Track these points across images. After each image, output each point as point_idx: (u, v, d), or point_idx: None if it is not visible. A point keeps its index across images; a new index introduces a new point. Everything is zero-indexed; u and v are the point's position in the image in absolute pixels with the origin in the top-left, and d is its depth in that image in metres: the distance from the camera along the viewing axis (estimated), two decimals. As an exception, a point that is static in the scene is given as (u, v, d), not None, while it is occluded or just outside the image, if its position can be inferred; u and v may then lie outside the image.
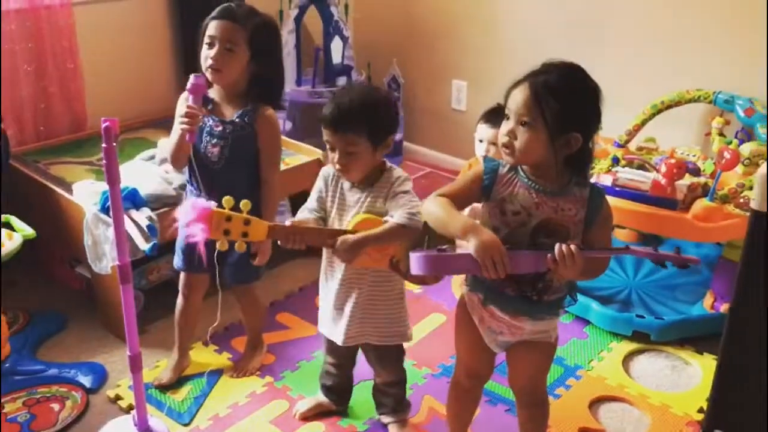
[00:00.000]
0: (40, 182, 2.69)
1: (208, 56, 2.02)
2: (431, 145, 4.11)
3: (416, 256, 1.55)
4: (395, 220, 1.79)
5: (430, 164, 4.07)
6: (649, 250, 1.56)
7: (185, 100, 2.02)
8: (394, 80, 3.97)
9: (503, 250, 1.49)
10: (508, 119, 1.58)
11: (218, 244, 1.67)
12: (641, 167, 2.73)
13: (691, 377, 2.44)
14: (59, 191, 2.59)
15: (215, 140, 2.09)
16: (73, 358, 2.48)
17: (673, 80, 3.01)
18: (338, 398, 2.23)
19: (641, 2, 3.14)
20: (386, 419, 2.18)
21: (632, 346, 2.56)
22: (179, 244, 2.25)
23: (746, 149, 2.60)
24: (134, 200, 2.41)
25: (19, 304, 2.71)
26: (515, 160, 1.59)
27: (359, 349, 2.10)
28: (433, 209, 1.60)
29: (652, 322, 2.55)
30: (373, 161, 1.85)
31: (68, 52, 3.00)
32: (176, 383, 2.36)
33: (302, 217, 1.93)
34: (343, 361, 2.15)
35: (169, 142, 2.12)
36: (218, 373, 2.42)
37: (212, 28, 2.02)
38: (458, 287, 1.92)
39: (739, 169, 2.57)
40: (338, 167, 1.85)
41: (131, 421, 2.09)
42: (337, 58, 3.73)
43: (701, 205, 2.44)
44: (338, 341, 2.00)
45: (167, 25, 3.38)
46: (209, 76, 2.04)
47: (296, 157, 3.01)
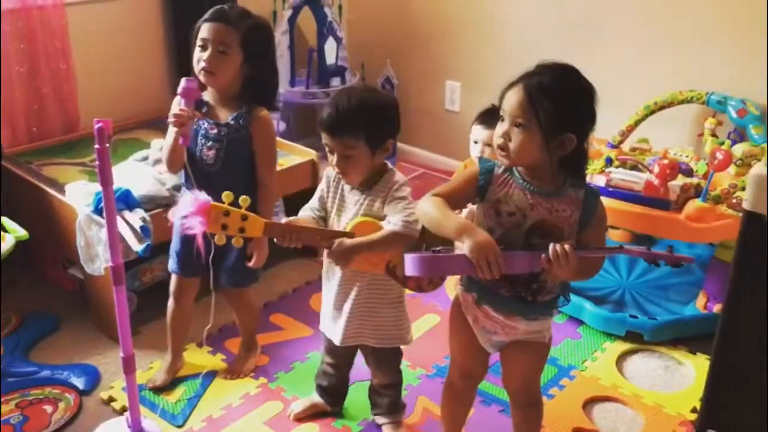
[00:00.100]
0: (32, 183, 2.68)
1: (200, 59, 2.02)
2: (425, 145, 4.11)
3: (410, 257, 1.55)
4: (390, 227, 1.79)
5: (423, 165, 4.07)
6: (642, 249, 1.57)
7: (178, 103, 2.02)
8: (387, 81, 3.97)
9: (498, 250, 1.49)
10: (503, 121, 1.58)
11: (216, 238, 1.68)
12: (634, 168, 2.74)
13: (684, 377, 2.45)
14: (52, 192, 2.59)
15: (210, 143, 2.08)
16: (66, 359, 2.48)
17: (666, 81, 3.02)
18: (333, 399, 2.23)
19: (635, 4, 3.15)
20: (381, 420, 2.18)
21: (626, 346, 2.57)
22: (174, 247, 2.24)
23: (738, 150, 2.62)
24: (127, 201, 2.41)
25: (11, 305, 2.70)
26: (510, 162, 1.60)
27: (357, 350, 2.10)
28: (427, 209, 1.60)
29: (645, 322, 2.56)
30: (371, 164, 1.84)
31: (61, 52, 2.99)
32: (170, 385, 2.36)
33: (302, 215, 1.94)
34: (340, 361, 2.15)
35: (164, 145, 2.12)
36: (212, 374, 2.42)
37: (205, 30, 2.02)
38: (452, 288, 1.92)
39: (731, 169, 2.59)
40: (337, 170, 1.85)
41: (125, 422, 2.08)
42: (330, 58, 3.73)
43: (694, 205, 2.45)
44: (336, 341, 2.00)
45: (160, 25, 3.37)
46: (202, 78, 2.04)
47: (290, 158, 3.01)
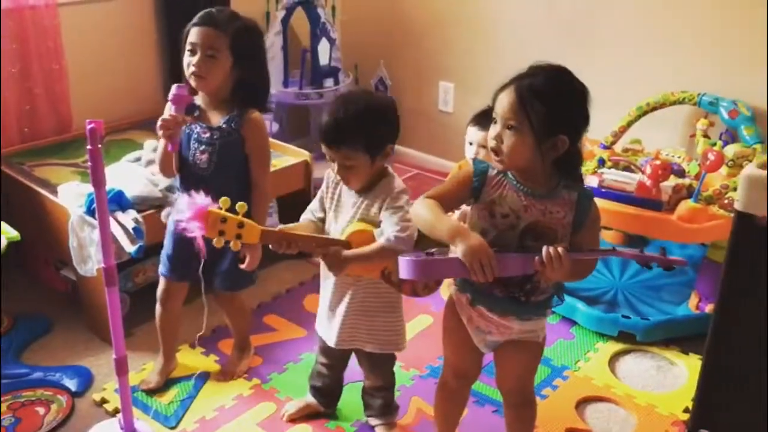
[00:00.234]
0: (24, 184, 2.67)
1: (190, 63, 2.01)
2: (418, 146, 4.11)
3: (404, 260, 1.55)
4: (383, 241, 1.79)
5: (417, 166, 4.08)
6: (635, 252, 1.58)
7: (168, 109, 2.01)
8: (381, 82, 3.97)
9: (491, 253, 1.49)
10: (495, 123, 1.59)
11: (214, 241, 1.69)
12: (627, 168, 2.74)
13: (676, 377, 2.45)
14: (44, 193, 2.58)
15: (203, 147, 2.08)
16: (58, 361, 2.47)
17: (658, 82, 3.03)
18: (327, 400, 2.23)
19: (628, 5, 3.15)
20: (374, 422, 2.18)
21: (618, 346, 2.57)
22: (165, 250, 2.24)
23: (730, 151, 2.63)
24: (120, 202, 2.40)
25: (3, 306, 2.68)
26: (505, 166, 1.60)
27: (352, 352, 2.10)
28: (421, 212, 1.60)
29: (637, 322, 2.57)
30: (372, 170, 1.84)
31: (53, 52, 2.97)
32: (162, 386, 2.35)
33: (303, 218, 1.95)
34: (334, 362, 2.14)
35: (157, 151, 2.12)
36: (205, 375, 2.41)
37: (193, 34, 2.01)
38: (446, 288, 1.91)
39: (723, 170, 2.60)
40: (338, 178, 1.86)
41: (117, 424, 2.08)
42: (324, 59, 3.73)
43: (686, 206, 2.46)
44: (331, 342, 2.00)
45: (153, 25, 3.36)
46: (192, 83, 2.03)
47: (283, 158, 3.01)
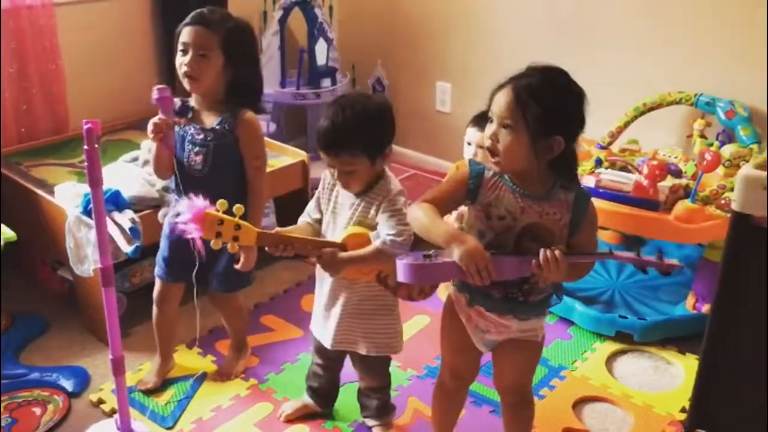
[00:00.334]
0: (21, 184, 2.66)
1: (182, 63, 2.01)
2: (416, 147, 4.11)
3: (401, 263, 1.56)
4: (378, 244, 1.79)
5: (414, 166, 4.08)
6: (632, 255, 1.57)
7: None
8: (378, 82, 3.97)
9: (487, 257, 1.49)
10: (491, 122, 1.59)
11: (212, 243, 1.70)
12: (624, 169, 2.75)
13: (673, 377, 2.46)
14: (41, 193, 2.57)
15: (197, 148, 2.07)
16: (55, 361, 2.46)
17: (655, 82, 3.03)
18: (324, 400, 2.23)
19: (625, 6, 3.16)
20: (371, 423, 2.18)
21: (615, 346, 2.58)
22: (161, 252, 2.24)
23: (727, 151, 2.63)
24: (117, 202, 2.40)
25: (0, 306, 2.68)
26: (501, 168, 1.59)
27: (347, 353, 2.10)
28: (417, 215, 1.60)
29: (635, 322, 2.57)
30: (372, 173, 1.84)
31: (50, 52, 2.97)
32: (160, 386, 2.35)
33: (300, 221, 1.95)
34: (330, 363, 2.14)
35: (150, 155, 2.12)
36: (202, 376, 2.41)
37: (185, 34, 2.01)
38: (444, 288, 1.92)
39: (720, 170, 2.60)
40: (339, 184, 1.85)
41: (114, 424, 2.08)
42: (321, 59, 3.73)
43: (683, 206, 2.46)
44: (326, 344, 2.00)
45: (150, 25, 3.36)
46: (185, 83, 2.02)
47: (281, 159, 3.01)
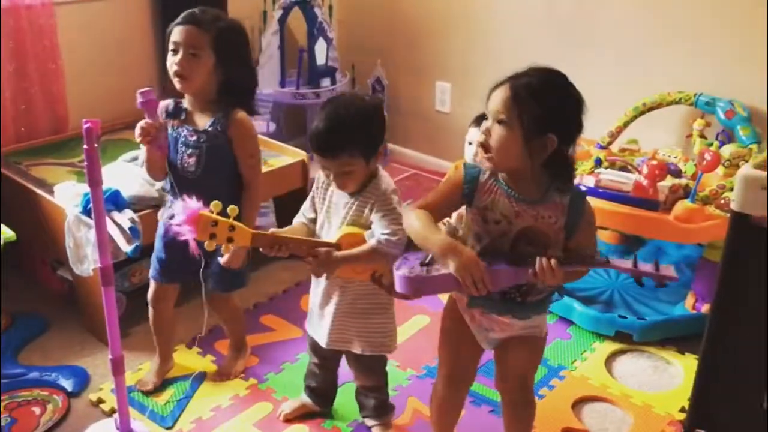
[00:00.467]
0: (21, 184, 2.66)
1: (173, 63, 2.00)
2: (415, 146, 4.12)
3: (398, 275, 1.58)
4: (373, 243, 1.80)
5: (414, 166, 4.08)
6: (628, 266, 1.56)
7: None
8: (378, 82, 3.97)
9: (483, 269, 1.50)
10: (487, 119, 1.58)
11: (206, 245, 1.69)
12: (623, 168, 2.75)
13: (672, 377, 2.46)
14: (40, 193, 2.57)
15: (190, 150, 2.06)
16: (54, 361, 2.46)
17: (654, 82, 3.04)
18: (322, 400, 2.23)
19: (625, 5, 3.16)
20: (370, 422, 2.18)
21: (615, 346, 2.58)
22: (155, 253, 2.24)
23: (727, 151, 2.63)
24: (116, 202, 2.40)
25: (0, 306, 2.68)
26: (493, 164, 1.58)
27: (342, 352, 2.10)
28: (413, 224, 1.61)
29: (634, 322, 2.57)
30: (368, 171, 1.85)
31: (50, 52, 2.97)
32: (159, 386, 2.35)
33: (295, 221, 1.95)
34: (326, 362, 2.14)
35: (141, 158, 2.12)
36: (202, 375, 2.41)
37: (176, 34, 2.00)
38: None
39: (719, 170, 2.60)
40: (335, 184, 1.85)
41: (113, 424, 2.08)
42: (321, 59, 3.73)
43: (682, 206, 2.46)
44: (322, 343, 2.00)
45: (149, 25, 3.36)
46: (175, 83, 2.02)
47: (280, 158, 3.00)
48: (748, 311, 1.53)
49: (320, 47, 3.70)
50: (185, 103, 2.10)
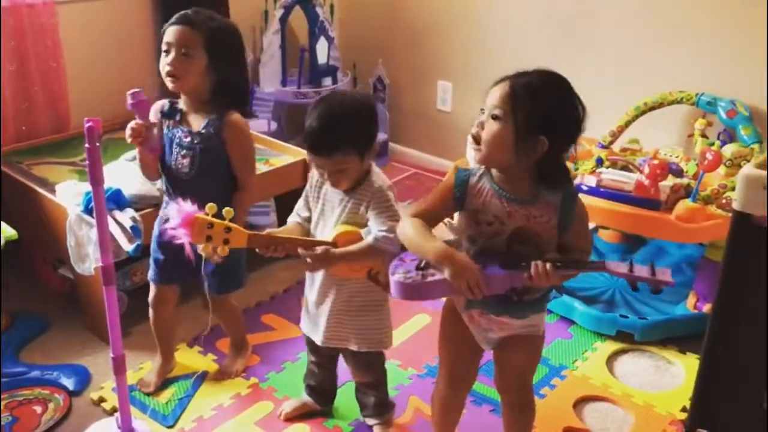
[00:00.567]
0: (22, 183, 2.66)
1: (165, 63, 2.00)
2: (417, 145, 4.11)
3: (394, 281, 1.59)
4: (370, 240, 1.80)
5: (415, 165, 4.08)
6: (624, 270, 1.55)
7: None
8: (379, 81, 3.97)
9: (478, 274, 1.51)
10: (482, 113, 1.57)
11: (200, 248, 1.70)
12: (625, 168, 2.75)
13: (674, 377, 2.46)
14: (42, 192, 2.57)
15: (184, 151, 2.06)
16: (56, 360, 2.46)
17: (656, 82, 3.03)
18: (322, 398, 2.23)
19: (626, 5, 3.15)
20: (370, 421, 2.18)
21: (616, 345, 2.58)
22: (152, 254, 2.24)
23: (728, 150, 2.63)
24: (118, 201, 2.40)
25: (2, 305, 2.68)
26: (482, 155, 1.58)
27: (339, 349, 2.10)
28: (407, 232, 1.61)
29: (635, 322, 2.57)
30: (362, 168, 1.85)
31: (51, 51, 2.97)
32: (160, 386, 2.35)
33: (289, 221, 1.96)
34: (324, 360, 2.14)
35: (136, 158, 2.12)
36: (203, 374, 2.41)
37: (168, 34, 2.00)
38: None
39: (721, 170, 2.60)
40: (329, 182, 1.85)
41: (114, 423, 2.08)
42: (322, 58, 3.73)
43: (684, 205, 2.46)
44: (317, 341, 2.01)
45: (151, 24, 3.35)
46: (168, 83, 2.02)
47: (282, 157, 3.00)
48: (749, 311, 1.53)
49: (321, 46, 3.70)
50: (181, 103, 2.10)
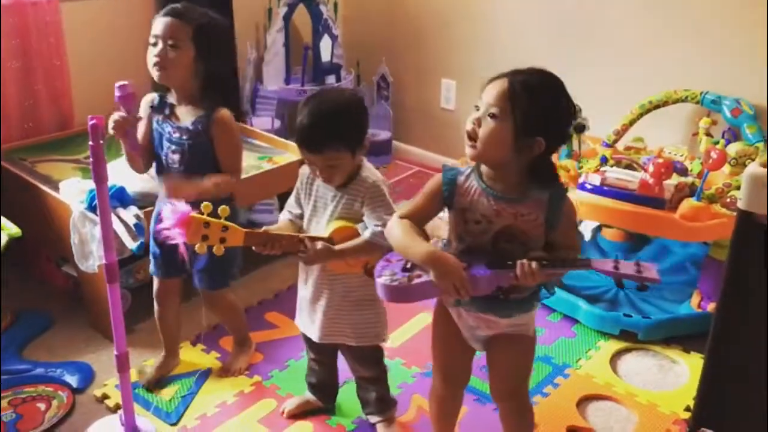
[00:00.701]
0: (26, 180, 2.66)
1: (152, 54, 2.00)
2: (420, 144, 4.11)
3: (380, 283, 1.59)
4: (367, 236, 1.81)
5: (418, 163, 4.08)
6: (609, 267, 1.54)
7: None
8: (383, 79, 3.97)
9: (464, 276, 1.52)
10: (477, 110, 1.56)
11: (196, 247, 1.68)
12: (629, 167, 2.74)
13: (678, 376, 2.45)
14: (46, 189, 2.57)
15: (174, 147, 2.06)
16: (59, 357, 2.47)
17: (660, 80, 3.02)
18: (324, 395, 2.23)
19: (630, 3, 3.15)
20: (373, 419, 2.18)
21: (620, 344, 2.57)
22: (151, 249, 2.24)
23: (733, 149, 2.62)
24: (121, 198, 2.40)
25: (5, 302, 2.68)
26: (476, 152, 1.56)
27: (337, 345, 2.10)
28: (395, 234, 1.62)
29: (639, 321, 2.57)
30: (353, 164, 1.85)
31: (55, 48, 2.98)
32: (164, 382, 2.35)
33: (281, 218, 1.96)
34: (323, 357, 2.15)
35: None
36: (206, 372, 2.41)
37: (156, 26, 2.00)
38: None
39: (725, 169, 2.59)
40: (321, 178, 1.85)
41: (118, 420, 2.08)
42: (326, 56, 3.73)
43: (688, 204, 2.46)
44: (314, 338, 2.01)
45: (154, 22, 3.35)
46: (154, 74, 2.01)
47: (284, 155, 3.00)
48: (754, 310, 1.53)
49: (325, 44, 3.70)
50: (171, 97, 2.10)
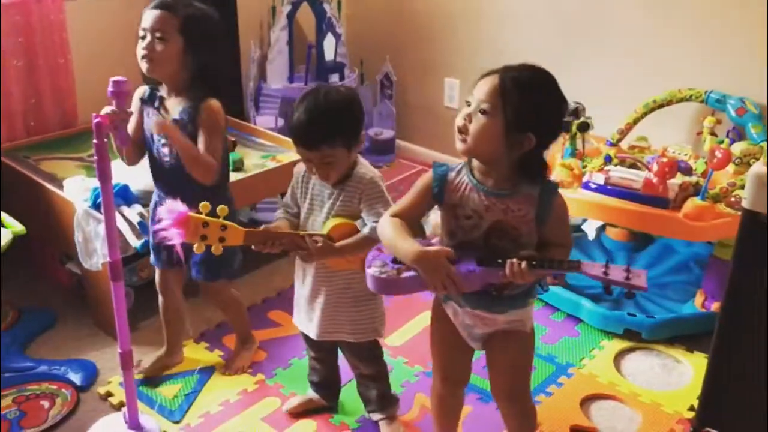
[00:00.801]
0: (30, 178, 2.67)
1: (141, 47, 2.00)
2: (424, 142, 4.11)
3: (369, 274, 1.59)
4: (366, 232, 1.81)
5: (422, 162, 4.07)
6: (598, 272, 1.53)
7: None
8: (386, 77, 3.96)
9: (452, 274, 1.52)
10: (468, 105, 1.55)
11: (195, 247, 1.67)
12: (633, 166, 2.74)
13: (681, 375, 2.45)
14: (50, 187, 2.58)
15: (164, 140, 2.06)
16: (63, 355, 2.47)
17: (664, 79, 3.02)
18: (326, 393, 2.23)
19: (635, 2, 3.14)
20: (375, 417, 2.18)
21: (623, 344, 2.57)
22: (151, 240, 2.24)
23: (737, 148, 2.61)
24: (125, 196, 2.40)
25: (9, 300, 2.69)
26: (466, 147, 1.56)
27: (336, 343, 2.10)
28: (386, 232, 1.62)
29: (643, 320, 2.56)
30: (349, 161, 1.85)
31: (59, 47, 2.98)
32: (167, 380, 2.36)
33: (278, 216, 1.96)
34: (323, 355, 2.15)
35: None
36: (209, 370, 2.42)
37: (145, 19, 2.00)
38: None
39: (730, 168, 2.58)
40: (317, 176, 1.85)
41: (122, 418, 2.09)
42: (329, 54, 3.73)
43: (692, 203, 2.45)
44: (312, 336, 2.01)
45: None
46: (143, 67, 2.01)
47: (287, 154, 3.00)
48: (758, 310, 1.52)
49: (329, 43, 3.70)
50: (161, 91, 2.09)
